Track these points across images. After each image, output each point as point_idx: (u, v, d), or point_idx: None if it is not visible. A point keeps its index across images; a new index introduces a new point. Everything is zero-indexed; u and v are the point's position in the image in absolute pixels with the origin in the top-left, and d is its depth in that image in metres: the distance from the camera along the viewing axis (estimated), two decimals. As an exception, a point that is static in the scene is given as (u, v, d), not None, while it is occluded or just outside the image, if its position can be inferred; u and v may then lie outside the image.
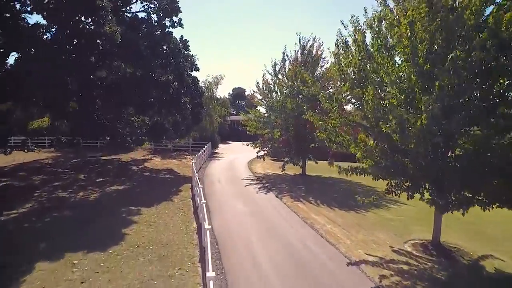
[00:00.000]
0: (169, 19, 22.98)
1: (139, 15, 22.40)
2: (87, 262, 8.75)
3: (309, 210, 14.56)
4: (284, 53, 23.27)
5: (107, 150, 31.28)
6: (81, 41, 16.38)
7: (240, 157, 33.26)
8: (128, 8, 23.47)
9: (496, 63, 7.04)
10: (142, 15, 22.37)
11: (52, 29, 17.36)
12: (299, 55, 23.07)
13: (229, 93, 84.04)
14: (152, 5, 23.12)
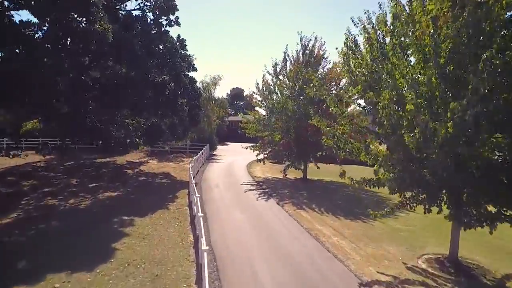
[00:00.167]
0: (166, 18, 22.12)
1: (134, 13, 21.52)
2: (71, 286, 7.85)
3: (313, 220, 13.72)
4: (285, 53, 22.39)
5: (103, 152, 30.33)
6: (73, 40, 15.52)
7: (239, 160, 32.45)
8: (123, 6, 22.63)
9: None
10: (137, 13, 21.46)
11: (44, 28, 16.63)
12: (301, 55, 22.20)
13: (227, 94, 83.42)
14: (148, 3, 22.25)
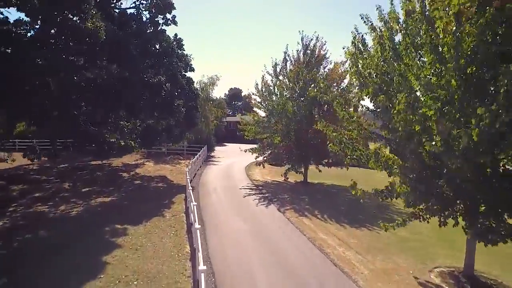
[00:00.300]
0: (162, 16, 21.39)
1: (129, 12, 20.79)
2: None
3: (316, 228, 13.07)
4: (286, 53, 21.75)
5: (97, 156, 29.47)
6: (65, 38, 14.80)
7: (237, 161, 31.76)
8: (118, 4, 21.87)
9: None
10: (132, 11, 20.73)
11: (37, 26, 15.94)
12: (302, 55, 21.57)
13: (225, 94, 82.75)
14: (144, 1, 21.53)
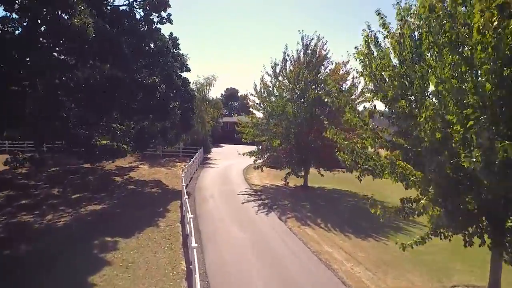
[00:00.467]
0: (157, 15, 20.50)
1: (121, 9, 19.81)
2: None
3: (320, 239, 12.27)
4: (285, 53, 20.91)
5: (87, 161, 28.39)
6: (51, 35, 13.89)
7: (235, 164, 30.85)
8: (110, 1, 20.92)
9: None
10: (124, 8, 19.76)
11: (24, 23, 15.05)
12: (302, 55, 20.76)
13: (222, 94, 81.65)
14: (138, -2, 20.62)
